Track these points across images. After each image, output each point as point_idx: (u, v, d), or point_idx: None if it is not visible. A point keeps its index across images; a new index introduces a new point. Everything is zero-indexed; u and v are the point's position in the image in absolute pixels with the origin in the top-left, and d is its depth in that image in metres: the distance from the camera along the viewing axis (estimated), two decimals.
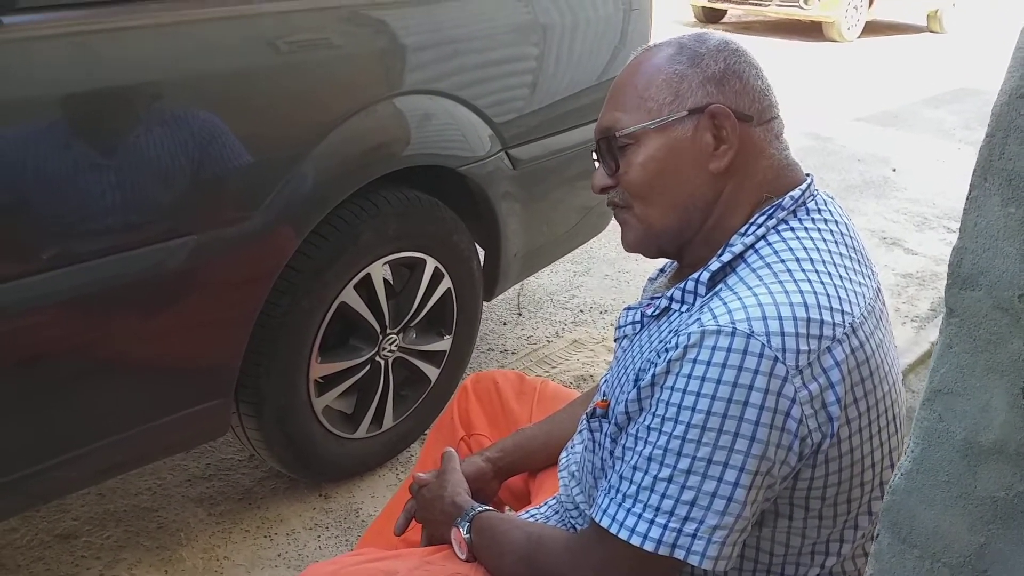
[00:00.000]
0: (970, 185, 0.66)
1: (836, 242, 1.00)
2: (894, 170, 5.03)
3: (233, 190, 1.56)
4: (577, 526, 1.15)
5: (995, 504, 0.69)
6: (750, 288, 0.93)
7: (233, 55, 1.54)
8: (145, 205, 1.44)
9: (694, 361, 0.90)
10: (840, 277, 0.96)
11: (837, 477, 0.95)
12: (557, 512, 1.21)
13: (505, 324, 2.97)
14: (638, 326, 1.07)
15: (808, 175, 1.06)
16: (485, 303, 2.35)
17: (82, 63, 1.36)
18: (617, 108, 1.05)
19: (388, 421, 2.12)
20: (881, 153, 5.37)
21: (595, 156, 1.09)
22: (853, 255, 1.02)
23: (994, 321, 0.65)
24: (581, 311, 3.09)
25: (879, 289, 1.05)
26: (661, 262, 1.21)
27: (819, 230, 1.00)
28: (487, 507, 1.18)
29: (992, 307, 0.65)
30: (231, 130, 1.52)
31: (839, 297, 0.94)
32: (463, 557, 1.13)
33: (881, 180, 4.84)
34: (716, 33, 1.07)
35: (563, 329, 2.96)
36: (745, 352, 0.88)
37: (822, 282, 0.94)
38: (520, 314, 3.05)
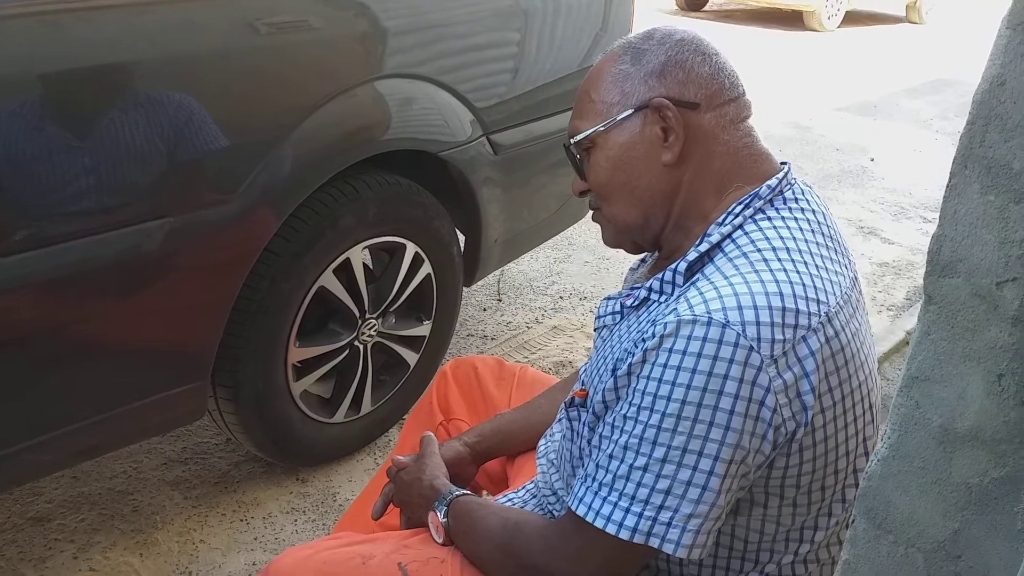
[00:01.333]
0: (950, 173, 0.66)
1: (813, 231, 1.01)
2: (872, 160, 5.07)
3: (210, 172, 1.54)
4: (554, 511, 1.15)
5: (970, 490, 0.69)
6: (726, 277, 0.94)
7: (211, 36, 1.52)
8: (120, 187, 1.42)
9: (670, 351, 0.90)
10: (816, 266, 0.97)
11: (811, 465, 0.96)
12: (535, 496, 1.22)
13: (485, 310, 2.97)
14: (618, 316, 1.08)
15: (784, 163, 1.07)
16: (465, 289, 2.35)
17: (55, 43, 1.33)
18: (576, 116, 1.09)
19: (367, 406, 2.11)
20: (859, 143, 5.40)
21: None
22: (830, 244, 1.02)
23: (972, 308, 0.66)
24: (561, 297, 3.10)
25: (856, 278, 1.06)
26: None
27: (796, 219, 1.00)
28: (465, 491, 1.18)
29: (970, 294, 0.66)
30: (208, 112, 1.50)
31: (815, 286, 0.94)
32: (440, 541, 1.14)
33: (859, 170, 4.87)
34: (664, 27, 1.08)
35: (543, 315, 2.96)
36: (720, 342, 0.88)
37: (798, 271, 0.94)
38: (500, 300, 3.04)
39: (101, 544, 1.84)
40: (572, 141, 1.08)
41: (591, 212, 1.14)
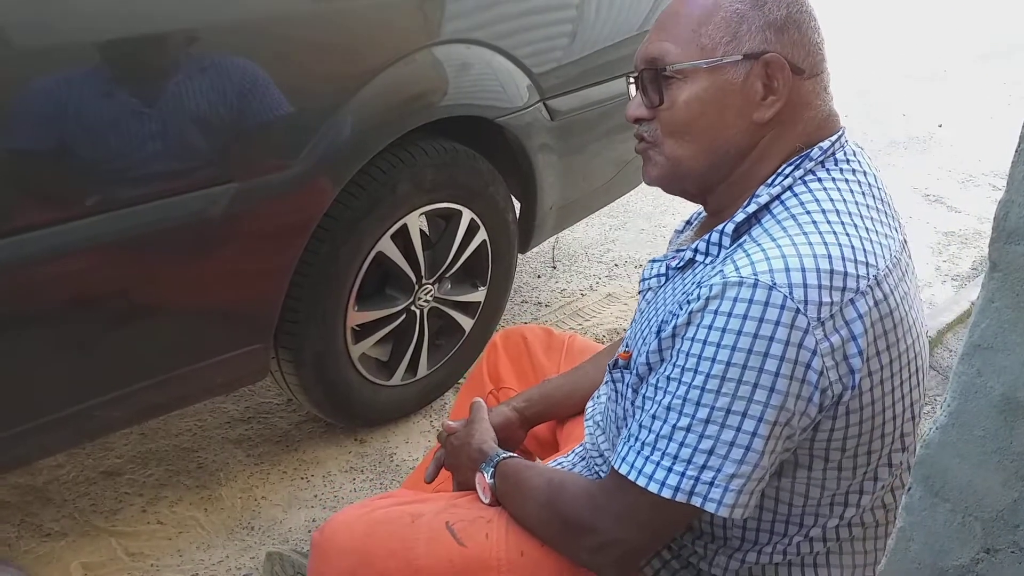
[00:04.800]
0: (1020, 137, 0.65)
1: (863, 193, 0.99)
2: (940, 126, 4.91)
3: (273, 138, 1.57)
4: (601, 473, 1.17)
5: None
6: (774, 240, 0.93)
7: (273, 2, 1.54)
8: (186, 152, 1.46)
9: (715, 312, 0.90)
10: (866, 229, 0.95)
11: (858, 429, 0.95)
12: (583, 459, 1.23)
13: (539, 277, 2.98)
14: (663, 278, 1.08)
15: (842, 127, 1.05)
16: (520, 255, 2.36)
17: (123, 8, 1.37)
18: (668, 38, 1.01)
19: (423, 370, 2.15)
20: (928, 108, 5.24)
21: (632, 85, 1.07)
22: (880, 207, 1.01)
23: None
24: (616, 265, 3.09)
25: (905, 241, 1.04)
26: (687, 210, 1.21)
27: (847, 181, 0.99)
28: (512, 454, 1.20)
29: None
30: (270, 78, 1.52)
31: (864, 249, 0.93)
32: (487, 501, 1.16)
33: (926, 136, 4.73)
34: None
35: (597, 283, 2.96)
36: (767, 304, 0.88)
37: (847, 234, 0.93)
38: (555, 267, 3.05)
39: (168, 498, 1.92)
40: (666, 67, 1.00)
41: (638, 144, 1.06)
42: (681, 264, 1.04)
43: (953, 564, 0.75)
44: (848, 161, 1.01)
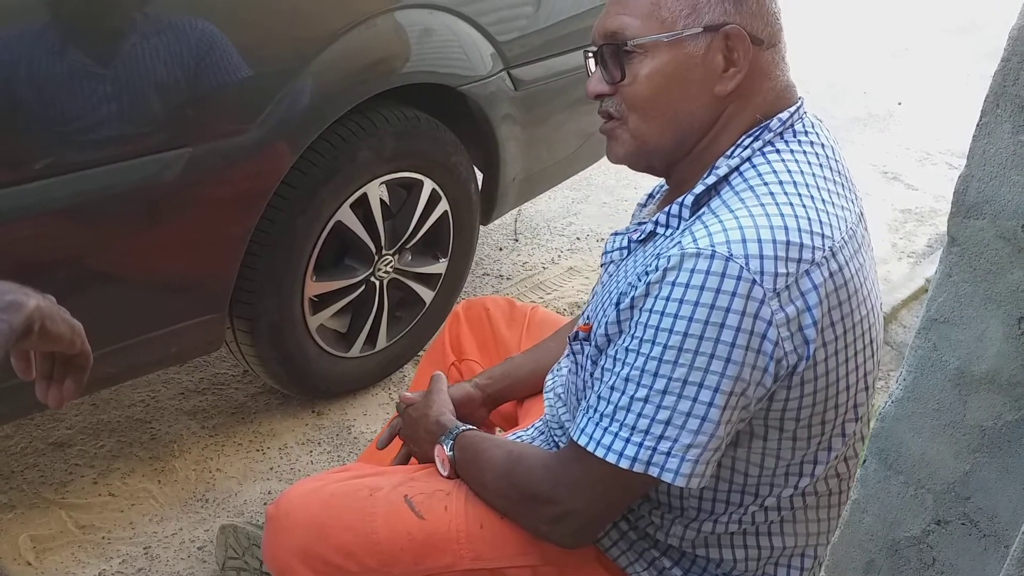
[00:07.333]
0: (981, 111, 0.65)
1: (821, 165, 1.00)
2: (899, 103, 4.96)
3: (229, 102, 1.53)
4: (562, 444, 1.17)
5: (983, 433, 0.69)
6: (731, 211, 0.93)
7: None
8: (140, 115, 1.42)
9: (672, 283, 0.90)
10: (823, 200, 0.96)
11: (812, 399, 0.96)
12: (543, 434, 1.23)
13: (501, 249, 2.96)
14: (625, 252, 1.08)
15: (800, 97, 1.05)
16: (482, 227, 2.34)
17: None
18: (626, 12, 1.00)
19: (382, 341, 2.13)
20: (888, 85, 5.28)
21: (591, 60, 1.05)
22: (837, 179, 1.01)
23: (996, 251, 0.65)
24: (578, 238, 3.08)
25: (862, 214, 1.05)
26: (649, 184, 1.20)
27: (804, 152, 0.99)
28: (471, 427, 1.20)
29: (995, 236, 0.64)
30: (228, 41, 1.48)
31: (820, 220, 0.94)
32: (445, 474, 1.16)
33: (886, 113, 4.78)
34: None
35: (559, 256, 2.95)
36: (723, 275, 0.88)
37: (804, 205, 0.94)
38: (517, 240, 3.03)
39: (120, 470, 1.88)
40: (627, 41, 0.99)
41: (605, 123, 1.05)
42: (642, 237, 1.05)
43: (905, 535, 0.76)
44: (807, 132, 1.01)
